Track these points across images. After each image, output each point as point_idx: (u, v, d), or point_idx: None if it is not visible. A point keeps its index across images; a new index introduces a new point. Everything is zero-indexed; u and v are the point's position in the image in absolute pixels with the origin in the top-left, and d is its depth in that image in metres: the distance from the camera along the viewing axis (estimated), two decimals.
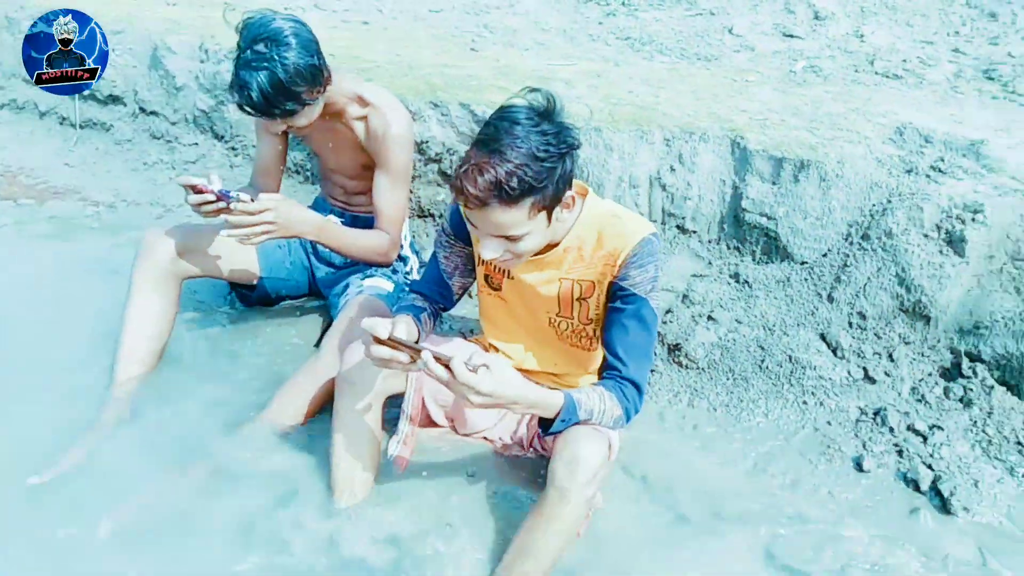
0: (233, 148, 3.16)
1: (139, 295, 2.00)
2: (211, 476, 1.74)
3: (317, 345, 2.21)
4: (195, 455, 1.78)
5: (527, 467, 1.80)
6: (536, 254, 1.57)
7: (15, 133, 3.50)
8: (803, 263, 2.25)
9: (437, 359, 1.31)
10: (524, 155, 1.30)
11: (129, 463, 1.76)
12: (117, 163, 3.25)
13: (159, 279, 2.01)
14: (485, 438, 1.86)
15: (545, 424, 1.47)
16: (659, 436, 1.94)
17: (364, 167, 2.15)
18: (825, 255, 2.23)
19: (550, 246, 1.57)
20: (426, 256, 2.59)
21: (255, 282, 2.24)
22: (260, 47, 1.74)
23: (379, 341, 1.39)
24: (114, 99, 3.40)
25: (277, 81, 1.75)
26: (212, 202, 1.80)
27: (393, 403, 1.76)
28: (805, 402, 2.01)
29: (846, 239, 2.21)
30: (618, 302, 1.54)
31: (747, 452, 1.89)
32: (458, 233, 1.72)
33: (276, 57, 1.74)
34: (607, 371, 1.54)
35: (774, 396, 2.03)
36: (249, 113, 1.82)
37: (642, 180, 2.39)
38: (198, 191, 1.80)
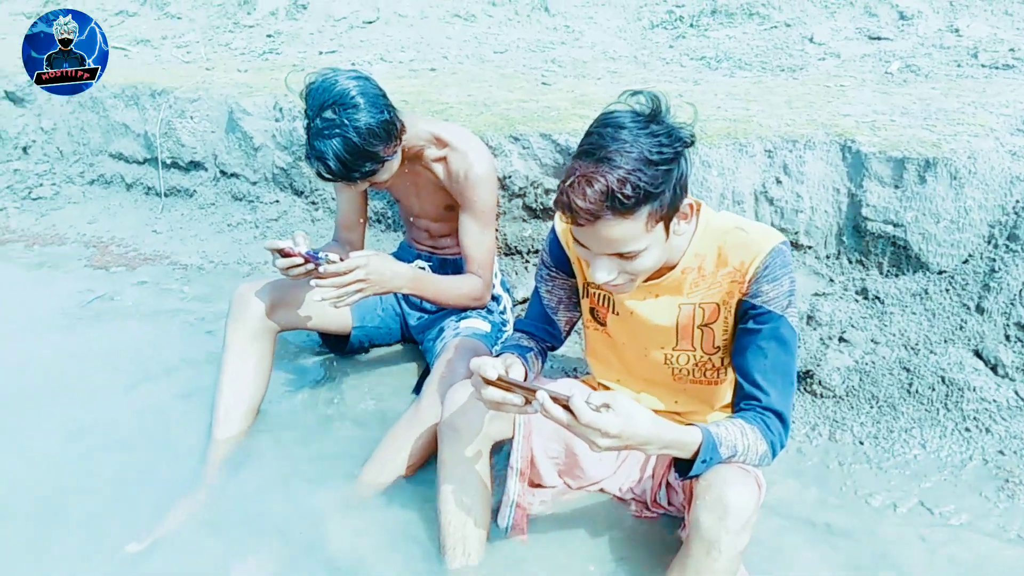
0: (313, 203, 3.15)
1: (234, 352, 1.94)
2: (314, 541, 1.62)
3: (416, 392, 2.09)
4: (297, 520, 1.67)
5: (656, 520, 1.61)
6: (651, 279, 1.41)
7: (104, 206, 3.59)
8: (941, 272, 2.01)
9: (555, 399, 1.16)
10: (635, 160, 1.16)
11: (228, 530, 1.66)
12: (203, 226, 3.28)
13: (254, 334, 1.94)
14: (603, 490, 1.68)
15: (681, 466, 1.30)
16: (800, 476, 1.72)
17: (448, 208, 2.06)
18: (966, 261, 1.99)
19: (666, 268, 1.41)
20: (519, 294, 2.46)
21: (348, 332, 2.16)
22: (328, 114, 1.68)
23: (489, 382, 1.26)
24: (195, 165, 3.46)
25: (352, 146, 1.68)
26: (300, 264, 1.74)
27: (499, 459, 1.61)
28: (968, 429, 1.76)
29: (988, 242, 1.97)
30: (751, 323, 1.36)
31: (908, 490, 1.65)
32: (559, 264, 1.58)
33: (347, 121, 1.67)
34: (744, 401, 1.36)
35: (929, 424, 1.79)
36: (330, 180, 1.75)
37: (746, 195, 2.22)
38: (285, 254, 1.74)
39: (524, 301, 2.47)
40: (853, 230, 2.13)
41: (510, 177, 2.51)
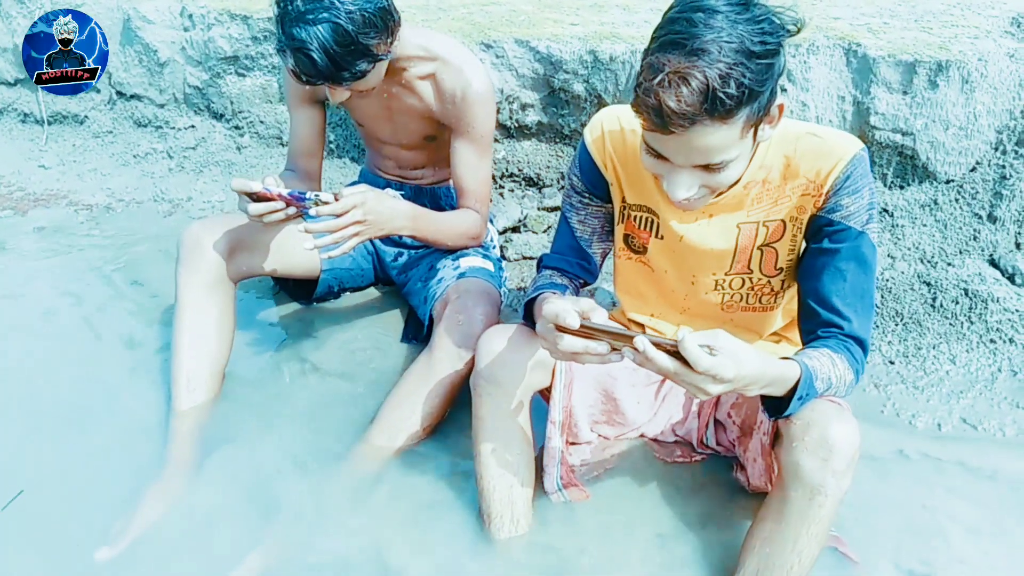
0: (237, 127, 2.73)
1: (190, 307, 1.62)
2: (327, 521, 1.38)
3: (404, 340, 1.85)
4: (299, 498, 1.42)
5: (704, 468, 1.48)
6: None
7: None
8: (948, 181, 1.94)
9: (658, 345, 0.97)
10: (736, 51, 0.96)
11: (213, 521, 1.40)
12: (101, 158, 2.79)
13: (211, 284, 1.62)
14: (643, 436, 1.53)
15: (771, 404, 1.15)
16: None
17: (427, 138, 1.78)
18: (974, 169, 1.93)
19: None
20: (499, 223, 2.23)
21: (316, 276, 1.86)
22: None
23: (566, 330, 1.05)
24: None
25: (344, 35, 1.37)
26: (279, 209, 1.44)
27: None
28: (992, 341, 1.73)
29: (996, 148, 1.91)
30: (826, 241, 1.20)
31: (948, 408, 1.60)
32: (594, 187, 1.37)
33: (337, 3, 1.35)
34: (823, 328, 1.21)
35: (955, 338, 1.74)
36: (310, 82, 1.43)
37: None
38: (260, 198, 1.43)
39: (505, 231, 2.24)
40: (859, 139, 2.02)
41: None
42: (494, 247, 1.96)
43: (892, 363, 1.72)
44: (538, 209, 2.30)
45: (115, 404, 1.67)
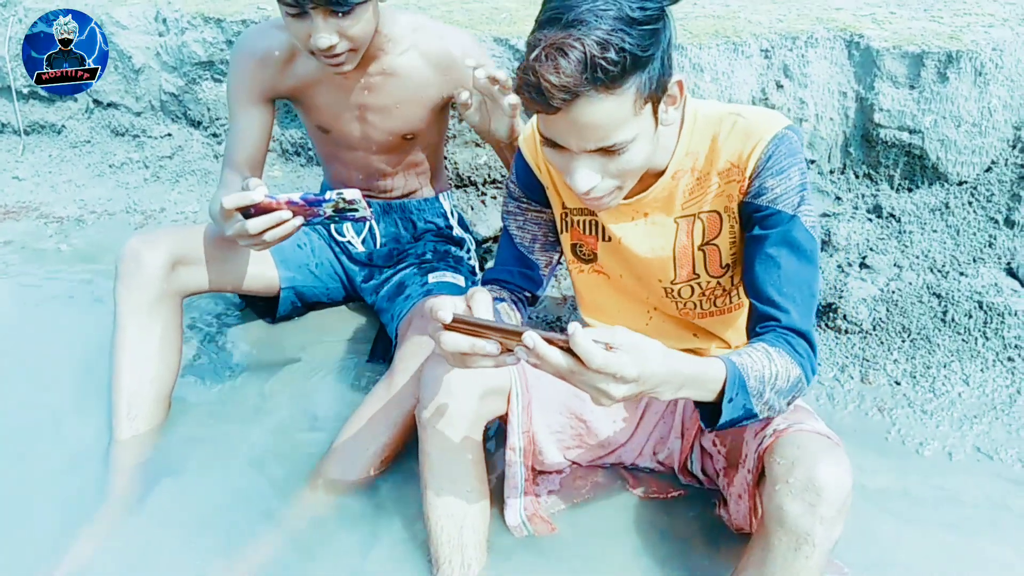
0: (215, 135, 2.63)
1: (130, 326, 1.50)
2: (267, 566, 1.26)
3: (370, 361, 1.72)
4: (237, 542, 1.30)
5: (691, 503, 1.34)
6: (636, 192, 1.14)
7: None
8: (961, 183, 1.79)
9: (549, 341, 0.86)
10: (614, 18, 0.91)
11: (149, 562, 1.28)
12: (77, 169, 2.71)
13: (153, 302, 1.50)
14: (621, 463, 1.39)
15: (706, 413, 1.02)
16: (838, 428, 1.48)
17: (404, 136, 1.63)
18: (989, 169, 1.77)
19: (652, 176, 1.13)
20: (480, 231, 2.10)
21: (275, 293, 1.74)
22: None
23: (449, 327, 0.92)
24: None
25: None
26: (286, 220, 1.23)
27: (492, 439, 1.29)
28: (1010, 359, 1.57)
29: (1014, 146, 1.75)
30: (756, 228, 1.10)
31: (960, 435, 1.44)
32: (529, 191, 1.28)
33: None
34: (760, 324, 1.09)
35: (968, 356, 1.59)
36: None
37: (744, 103, 1.91)
38: (260, 210, 1.21)
39: (485, 241, 2.12)
40: (862, 139, 1.87)
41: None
42: (470, 258, 1.83)
43: (898, 384, 1.57)
44: None
45: (60, 430, 1.57)
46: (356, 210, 1.22)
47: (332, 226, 1.79)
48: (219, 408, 1.61)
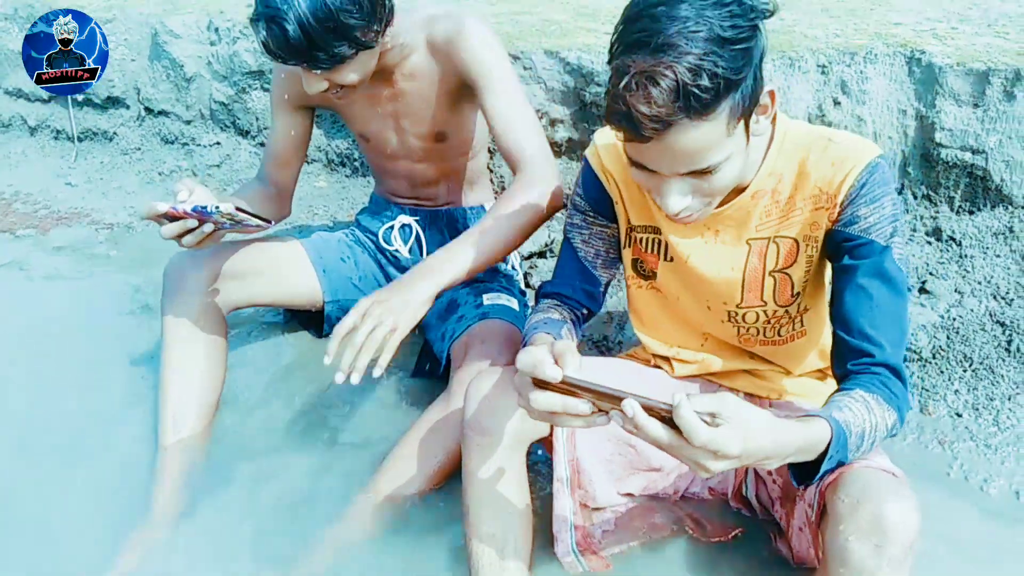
0: (263, 144, 2.66)
1: (176, 340, 1.53)
2: None
3: (417, 375, 1.72)
4: (286, 556, 1.30)
5: (749, 541, 1.30)
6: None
7: (4, 154, 3.01)
8: None
9: (649, 410, 0.82)
10: (705, 40, 0.87)
11: (197, 573, 1.29)
12: (128, 176, 2.76)
13: (199, 316, 1.53)
14: (676, 493, 1.35)
15: (801, 472, 0.98)
16: (898, 461, 1.43)
17: (437, 138, 1.61)
18: None
19: (733, 191, 1.08)
20: (528, 247, 2.08)
21: (318, 307, 1.75)
22: None
23: (543, 385, 0.90)
24: (114, 102, 2.90)
25: (324, 8, 1.24)
26: (194, 228, 1.29)
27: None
28: None
29: None
30: (846, 257, 1.06)
31: None
32: (597, 205, 1.25)
33: None
34: (853, 361, 1.05)
35: None
36: (279, 58, 1.29)
37: (800, 119, 1.86)
38: (173, 218, 1.28)
39: (530, 256, 2.10)
40: (921, 159, 1.81)
41: None
42: (518, 276, 1.81)
43: (959, 416, 1.51)
44: None
45: (108, 437, 1.59)
46: (246, 220, 1.29)
47: (350, 234, 1.83)
48: (264, 421, 1.62)
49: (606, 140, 1.22)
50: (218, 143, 2.72)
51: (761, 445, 0.85)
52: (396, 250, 1.79)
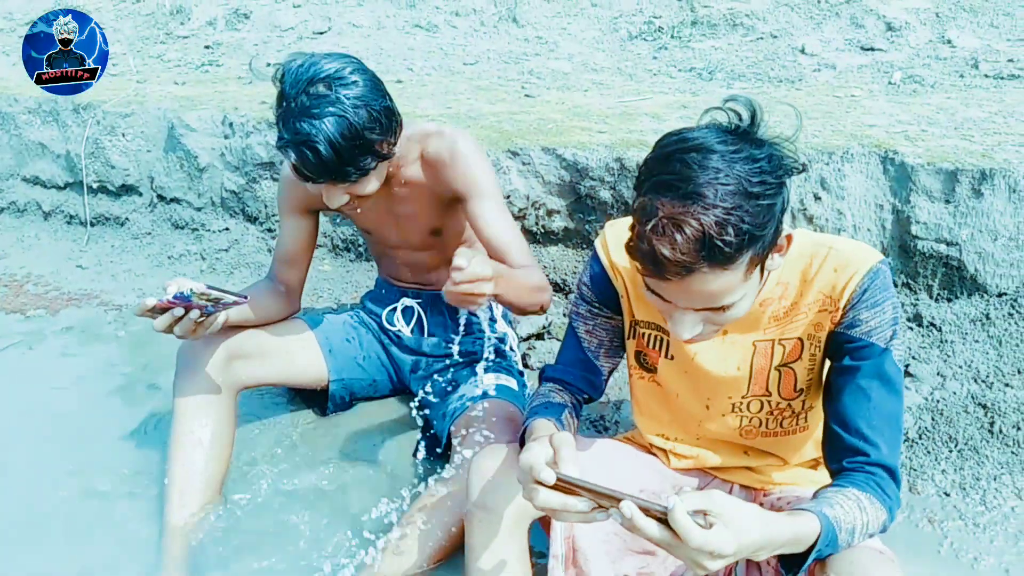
0: (270, 230, 2.77)
1: (185, 420, 1.57)
2: None
3: (415, 455, 1.75)
4: None
5: None
6: None
7: (18, 238, 3.11)
8: (1001, 295, 1.82)
9: (646, 511, 0.87)
10: (733, 194, 0.91)
11: None
12: (137, 260, 2.85)
13: (208, 396, 1.58)
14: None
15: (790, 561, 1.02)
16: (889, 540, 1.46)
17: (433, 233, 1.72)
18: None
19: None
20: (522, 330, 2.16)
21: (324, 386, 1.80)
22: (320, 88, 1.33)
23: (544, 484, 0.95)
24: (127, 189, 3.03)
25: (351, 129, 1.34)
26: (182, 316, 1.41)
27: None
28: None
29: None
30: (847, 359, 1.11)
31: (1017, 551, 1.42)
32: (604, 299, 1.30)
33: (344, 99, 1.34)
34: (848, 459, 1.09)
35: (1020, 469, 1.57)
36: (311, 179, 1.39)
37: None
38: (163, 310, 1.40)
39: (528, 338, 2.17)
40: (900, 250, 1.92)
41: (508, 197, 2.22)
42: (516, 357, 1.88)
43: (947, 495, 1.55)
44: (563, 315, 2.23)
45: (112, 518, 1.60)
46: (223, 298, 1.39)
47: (367, 312, 1.92)
48: (271, 498, 1.64)
49: (616, 233, 1.27)
50: (227, 228, 2.82)
51: (753, 539, 0.90)
52: (399, 330, 1.86)
